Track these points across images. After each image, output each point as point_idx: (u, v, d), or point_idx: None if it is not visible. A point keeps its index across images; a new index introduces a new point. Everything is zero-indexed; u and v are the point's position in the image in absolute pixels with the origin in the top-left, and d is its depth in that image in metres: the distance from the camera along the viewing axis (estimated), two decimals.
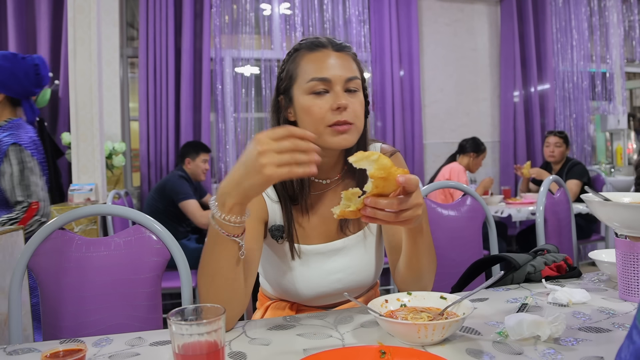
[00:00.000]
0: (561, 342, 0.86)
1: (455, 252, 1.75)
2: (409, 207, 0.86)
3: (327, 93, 1.09)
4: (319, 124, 1.08)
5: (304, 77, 1.10)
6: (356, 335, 0.93)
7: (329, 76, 1.08)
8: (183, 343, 0.69)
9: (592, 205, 1.02)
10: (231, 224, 0.90)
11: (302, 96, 1.10)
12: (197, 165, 3.62)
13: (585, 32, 5.51)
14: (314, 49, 1.12)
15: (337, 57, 1.11)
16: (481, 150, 4.09)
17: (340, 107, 1.07)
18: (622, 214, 0.97)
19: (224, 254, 0.94)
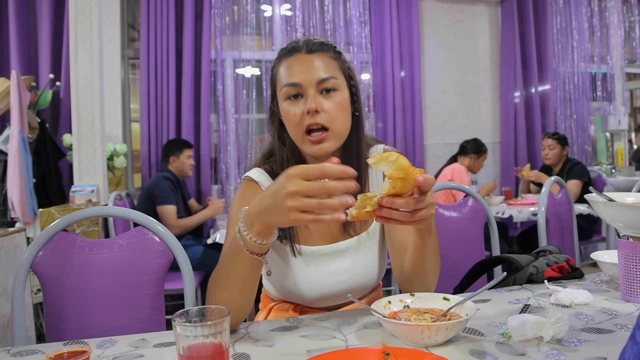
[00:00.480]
0: (564, 343, 0.86)
1: (457, 253, 1.75)
2: (424, 206, 0.86)
3: (302, 98, 1.09)
4: (297, 130, 1.09)
5: (279, 84, 1.12)
6: (359, 337, 0.94)
7: (299, 80, 1.08)
8: (188, 344, 0.69)
9: (596, 206, 1.02)
10: (256, 244, 0.88)
11: (281, 102, 1.12)
12: (183, 162, 3.61)
13: (585, 32, 5.51)
14: (288, 55, 1.13)
15: (309, 60, 1.10)
16: (482, 151, 4.09)
17: (310, 112, 1.06)
18: (626, 215, 0.98)
19: (245, 269, 0.92)
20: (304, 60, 1.10)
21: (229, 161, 4.35)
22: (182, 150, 3.62)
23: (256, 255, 0.90)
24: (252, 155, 4.41)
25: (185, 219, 3.41)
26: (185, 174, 3.65)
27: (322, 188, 0.77)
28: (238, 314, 0.98)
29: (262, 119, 4.60)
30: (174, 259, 1.25)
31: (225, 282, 0.95)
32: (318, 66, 1.09)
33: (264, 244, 0.88)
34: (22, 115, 3.17)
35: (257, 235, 0.87)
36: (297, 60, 1.10)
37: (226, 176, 4.33)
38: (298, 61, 1.10)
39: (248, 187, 1.16)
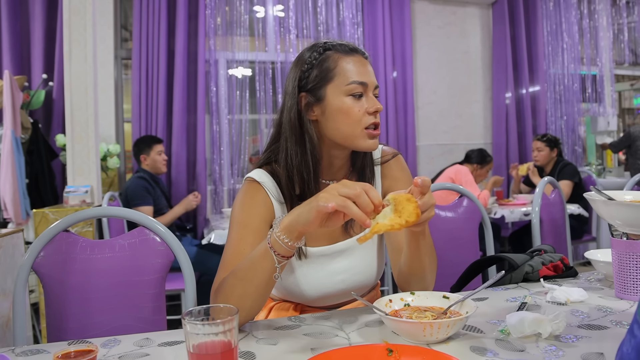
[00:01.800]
0: (562, 339, 0.88)
1: (453, 252, 1.78)
2: (426, 207, 0.91)
3: (362, 97, 1.13)
4: (357, 125, 1.12)
5: (343, 79, 1.12)
6: (362, 335, 0.95)
7: (367, 81, 1.13)
8: (198, 342, 0.70)
9: (595, 204, 1.04)
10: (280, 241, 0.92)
11: (339, 97, 1.12)
12: (154, 159, 3.59)
13: (575, 35, 5.58)
14: (349, 53, 1.15)
15: (368, 65, 1.16)
16: (486, 162, 4.09)
17: (377, 111, 1.13)
18: (625, 213, 1.00)
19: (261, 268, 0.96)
20: (364, 64, 1.15)
21: (222, 162, 4.35)
22: (152, 147, 3.59)
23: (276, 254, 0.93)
24: (245, 156, 4.42)
25: (160, 217, 3.41)
26: (158, 170, 3.62)
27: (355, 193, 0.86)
28: (248, 312, 1.00)
29: (255, 120, 4.61)
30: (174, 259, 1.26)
31: (243, 279, 0.97)
32: (372, 73, 1.17)
33: (288, 245, 0.92)
34: (14, 116, 3.16)
35: (283, 230, 0.91)
36: (360, 62, 1.14)
37: (219, 177, 4.33)
38: (362, 63, 1.15)
39: (250, 187, 1.17)
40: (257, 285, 0.97)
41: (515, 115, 5.22)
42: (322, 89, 1.13)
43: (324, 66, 1.13)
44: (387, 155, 1.30)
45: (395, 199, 0.88)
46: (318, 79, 1.13)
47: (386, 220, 0.86)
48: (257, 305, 1.00)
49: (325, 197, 0.87)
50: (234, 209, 1.16)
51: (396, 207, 0.87)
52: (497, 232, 4.26)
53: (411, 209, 0.86)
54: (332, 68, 1.13)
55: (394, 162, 1.30)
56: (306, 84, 1.15)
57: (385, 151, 1.31)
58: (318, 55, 1.15)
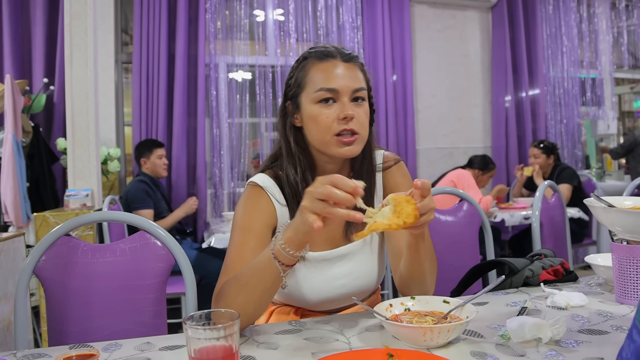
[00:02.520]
0: (562, 344, 0.88)
1: (453, 256, 1.78)
2: (426, 210, 0.90)
3: (335, 103, 1.12)
4: (326, 133, 1.11)
5: (312, 86, 1.13)
6: (362, 339, 0.95)
7: (337, 87, 1.11)
8: (199, 347, 0.70)
9: (595, 211, 1.04)
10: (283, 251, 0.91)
11: (309, 105, 1.13)
12: (154, 163, 3.59)
13: (575, 38, 5.59)
14: (322, 59, 1.15)
15: (345, 68, 1.13)
16: (489, 168, 4.07)
17: (346, 117, 1.10)
18: (626, 220, 1.00)
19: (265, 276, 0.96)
20: (341, 67, 1.13)
21: (222, 165, 4.35)
22: (152, 151, 3.60)
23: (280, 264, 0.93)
24: (245, 160, 4.42)
25: (161, 221, 3.41)
26: (159, 174, 3.63)
27: (331, 193, 0.82)
28: (249, 318, 1.00)
29: (255, 123, 4.61)
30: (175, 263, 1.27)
31: (246, 285, 0.98)
32: (354, 75, 1.14)
33: (292, 255, 0.91)
34: (15, 119, 3.16)
35: (287, 241, 0.90)
36: (334, 66, 1.13)
37: (220, 180, 4.33)
38: (335, 67, 1.13)
39: (253, 192, 1.18)
40: (260, 292, 0.97)
41: (515, 118, 5.23)
42: (298, 97, 1.16)
43: (299, 75, 1.16)
44: (389, 161, 1.30)
45: (395, 200, 0.89)
46: (295, 87, 1.17)
47: (384, 219, 0.86)
48: (258, 311, 1.01)
49: (307, 207, 0.85)
50: (236, 213, 1.17)
51: (395, 208, 0.88)
52: (497, 235, 4.26)
53: (410, 210, 0.87)
54: (304, 76, 1.15)
55: (395, 169, 1.30)
56: (289, 93, 1.18)
57: (388, 157, 1.31)
58: (297, 64, 1.18)
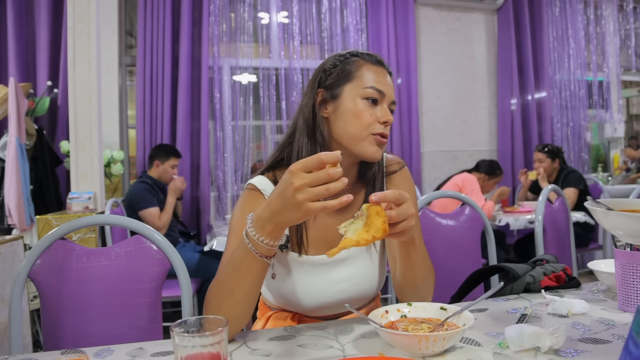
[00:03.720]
0: (561, 353, 0.86)
1: (454, 261, 1.76)
2: (403, 218, 0.90)
3: (376, 105, 1.15)
4: (364, 129, 1.13)
5: (362, 82, 1.14)
6: (357, 346, 0.94)
7: (385, 91, 1.15)
8: (186, 355, 0.69)
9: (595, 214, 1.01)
10: (266, 246, 0.91)
11: (354, 98, 1.14)
12: (166, 170, 3.59)
13: (581, 40, 5.55)
14: (375, 64, 1.18)
15: (389, 79, 1.19)
16: (496, 174, 4.01)
17: (387, 122, 1.14)
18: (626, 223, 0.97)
19: (252, 273, 0.95)
20: (386, 76, 1.18)
21: (225, 168, 4.35)
22: (169, 158, 3.60)
23: (265, 257, 0.93)
24: (248, 162, 4.42)
25: (162, 215, 3.40)
26: (165, 181, 3.62)
27: (327, 175, 0.83)
28: (239, 320, 0.98)
29: (259, 126, 4.61)
30: (171, 266, 1.25)
31: (231, 287, 0.96)
32: (393, 88, 1.20)
33: (274, 246, 0.92)
34: (19, 122, 3.17)
35: (268, 236, 0.90)
36: (383, 73, 1.18)
37: (223, 183, 4.33)
38: (384, 75, 1.18)
39: (250, 195, 1.17)
40: (247, 291, 0.97)
41: (521, 121, 5.19)
42: (340, 87, 1.16)
43: (346, 67, 1.17)
44: (393, 164, 1.29)
45: (368, 210, 0.87)
46: (338, 77, 1.17)
47: (354, 235, 0.85)
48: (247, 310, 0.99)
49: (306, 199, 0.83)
50: (233, 217, 1.15)
51: (367, 221, 0.86)
52: (502, 239, 4.23)
53: (379, 224, 0.85)
54: (354, 70, 1.16)
55: (400, 174, 1.30)
56: (325, 81, 1.18)
57: (391, 160, 1.30)
58: (344, 58, 1.19)
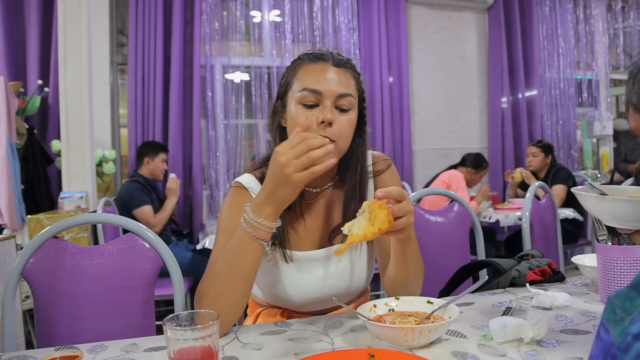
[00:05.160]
0: (543, 343, 0.89)
1: (444, 257, 1.78)
2: (402, 214, 0.92)
3: (317, 106, 1.10)
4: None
5: (297, 86, 1.12)
6: (346, 340, 0.96)
7: (321, 89, 1.09)
8: (178, 348, 0.71)
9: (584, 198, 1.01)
10: (265, 228, 0.97)
11: (293, 104, 1.12)
12: (157, 165, 3.61)
13: (571, 39, 5.60)
14: (314, 61, 1.14)
15: (334, 72, 1.12)
16: (482, 167, 4.10)
17: (324, 122, 1.07)
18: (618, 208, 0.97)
19: (251, 257, 1.00)
20: (329, 71, 1.12)
21: (218, 167, 4.36)
22: (158, 154, 3.62)
23: (262, 240, 0.98)
24: (241, 161, 4.42)
25: (159, 214, 3.41)
26: (157, 177, 3.64)
27: (306, 145, 0.91)
28: (235, 308, 1.01)
29: (252, 125, 4.62)
30: (163, 264, 1.27)
31: (230, 274, 1.00)
32: (341, 81, 1.11)
33: (271, 228, 0.98)
34: (10, 122, 3.17)
35: (267, 218, 0.97)
36: (322, 69, 1.12)
37: (215, 181, 4.34)
38: (323, 70, 1.12)
39: (237, 193, 1.19)
40: (245, 277, 1.00)
41: (511, 119, 5.24)
42: (285, 96, 1.17)
43: (290, 74, 1.17)
44: (379, 162, 1.30)
45: (369, 206, 0.89)
46: (284, 86, 1.18)
47: (360, 230, 0.87)
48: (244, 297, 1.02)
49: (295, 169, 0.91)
50: (221, 215, 1.17)
51: (370, 215, 0.88)
52: (492, 236, 4.27)
53: (383, 217, 0.87)
54: (293, 76, 1.15)
55: (388, 173, 1.29)
56: (279, 92, 1.20)
57: (377, 157, 1.31)
58: (291, 64, 1.19)
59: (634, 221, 0.82)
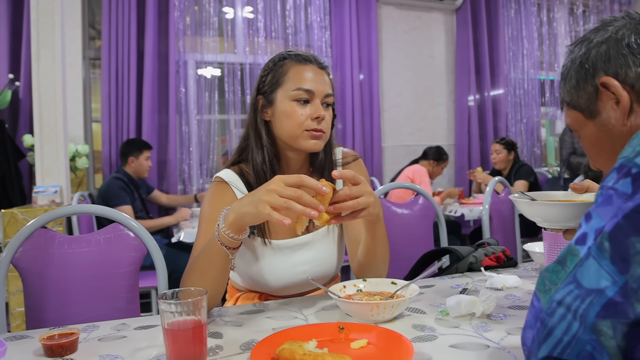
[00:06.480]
0: (492, 317, 1.01)
1: (409, 247, 1.90)
2: (361, 194, 1.00)
3: (308, 103, 1.24)
4: (297, 127, 1.23)
5: (290, 85, 1.24)
6: (318, 317, 1.06)
7: (314, 89, 1.23)
8: (171, 320, 0.80)
9: (518, 204, 1.14)
10: (227, 236, 1.00)
11: (285, 101, 1.24)
12: (141, 164, 3.66)
13: (535, 41, 5.83)
14: (302, 62, 1.27)
15: (320, 74, 1.27)
16: (443, 159, 4.28)
17: (319, 117, 1.22)
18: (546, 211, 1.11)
19: (216, 261, 1.05)
20: (317, 72, 1.26)
21: (191, 162, 4.40)
22: (142, 152, 3.66)
23: (226, 247, 1.01)
24: (214, 157, 4.48)
25: (144, 221, 3.45)
26: (141, 175, 3.69)
27: (295, 194, 0.91)
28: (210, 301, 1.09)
29: (224, 120, 4.68)
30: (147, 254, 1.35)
31: (200, 271, 1.07)
32: (327, 82, 1.27)
33: (233, 238, 1.00)
34: None
35: (229, 227, 0.99)
36: (311, 71, 1.26)
37: (189, 177, 4.38)
38: (312, 72, 1.26)
39: (218, 187, 1.28)
40: (214, 275, 1.07)
41: (478, 117, 5.43)
42: (273, 93, 1.26)
43: (277, 72, 1.27)
44: (348, 157, 1.42)
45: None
46: (271, 83, 1.27)
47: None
48: (217, 292, 1.10)
49: (268, 201, 0.92)
50: (203, 206, 1.26)
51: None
52: (457, 229, 4.44)
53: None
54: (283, 74, 1.26)
55: (354, 165, 1.42)
56: (263, 87, 1.29)
57: (346, 153, 1.43)
58: (274, 63, 1.29)
59: (561, 222, 0.94)
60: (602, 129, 0.82)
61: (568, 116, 0.90)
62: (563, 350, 0.64)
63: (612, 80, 0.79)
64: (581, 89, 0.84)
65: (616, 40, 0.80)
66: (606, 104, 0.81)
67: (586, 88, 0.83)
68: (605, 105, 0.81)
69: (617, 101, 0.80)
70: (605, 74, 0.80)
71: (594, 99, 0.82)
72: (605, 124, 0.82)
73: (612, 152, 0.82)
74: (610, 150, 0.83)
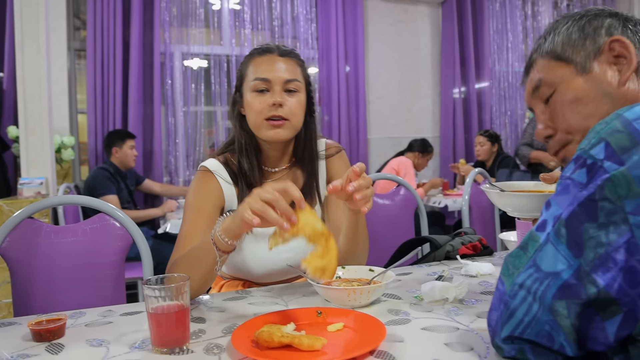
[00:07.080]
0: (465, 302, 1.06)
1: (390, 236, 1.95)
2: (369, 184, 1.08)
3: (268, 92, 1.27)
4: (258, 117, 1.27)
5: (250, 77, 1.30)
6: (299, 303, 1.11)
7: (269, 77, 1.27)
8: (155, 305, 0.83)
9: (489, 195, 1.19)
10: (221, 239, 1.01)
11: (248, 93, 1.29)
12: (126, 153, 3.67)
13: (519, 34, 5.89)
14: (262, 54, 1.32)
15: (281, 61, 1.30)
16: (428, 151, 4.36)
17: (275, 104, 1.25)
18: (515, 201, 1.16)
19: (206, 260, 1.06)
20: (275, 60, 1.29)
21: (177, 154, 4.41)
22: (125, 141, 3.67)
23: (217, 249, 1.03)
24: (200, 148, 4.50)
25: (130, 211, 3.47)
26: (128, 164, 3.71)
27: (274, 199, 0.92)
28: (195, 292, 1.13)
29: (211, 112, 4.69)
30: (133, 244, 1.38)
31: (191, 265, 1.10)
32: (286, 68, 1.29)
33: (227, 243, 1.02)
34: None
35: (224, 231, 1.01)
36: (269, 60, 1.29)
37: (175, 168, 4.40)
38: (270, 60, 1.29)
39: (203, 176, 1.31)
40: (202, 273, 1.09)
41: (462, 110, 5.49)
42: (241, 87, 1.33)
43: (243, 67, 1.34)
44: (331, 148, 1.46)
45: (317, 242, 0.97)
46: (239, 79, 1.34)
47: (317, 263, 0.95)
48: (203, 287, 1.13)
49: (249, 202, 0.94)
50: (188, 195, 1.30)
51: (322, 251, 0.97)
52: (441, 220, 4.51)
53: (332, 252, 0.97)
54: (246, 68, 1.32)
55: (337, 157, 1.46)
56: (237, 85, 1.36)
57: (330, 145, 1.47)
58: (244, 59, 1.35)
59: (529, 211, 0.99)
60: (594, 85, 0.84)
61: (547, 68, 0.89)
62: (524, 330, 0.69)
63: (627, 41, 0.82)
64: (580, 44, 0.85)
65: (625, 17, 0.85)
66: (603, 63, 0.84)
67: (587, 44, 0.85)
68: (602, 65, 0.84)
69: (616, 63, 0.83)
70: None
71: (592, 56, 0.84)
72: (599, 79, 0.83)
73: (592, 114, 0.82)
74: (593, 108, 0.83)
